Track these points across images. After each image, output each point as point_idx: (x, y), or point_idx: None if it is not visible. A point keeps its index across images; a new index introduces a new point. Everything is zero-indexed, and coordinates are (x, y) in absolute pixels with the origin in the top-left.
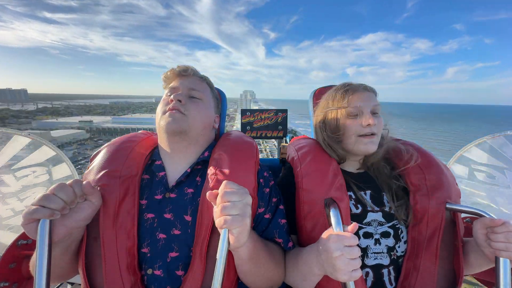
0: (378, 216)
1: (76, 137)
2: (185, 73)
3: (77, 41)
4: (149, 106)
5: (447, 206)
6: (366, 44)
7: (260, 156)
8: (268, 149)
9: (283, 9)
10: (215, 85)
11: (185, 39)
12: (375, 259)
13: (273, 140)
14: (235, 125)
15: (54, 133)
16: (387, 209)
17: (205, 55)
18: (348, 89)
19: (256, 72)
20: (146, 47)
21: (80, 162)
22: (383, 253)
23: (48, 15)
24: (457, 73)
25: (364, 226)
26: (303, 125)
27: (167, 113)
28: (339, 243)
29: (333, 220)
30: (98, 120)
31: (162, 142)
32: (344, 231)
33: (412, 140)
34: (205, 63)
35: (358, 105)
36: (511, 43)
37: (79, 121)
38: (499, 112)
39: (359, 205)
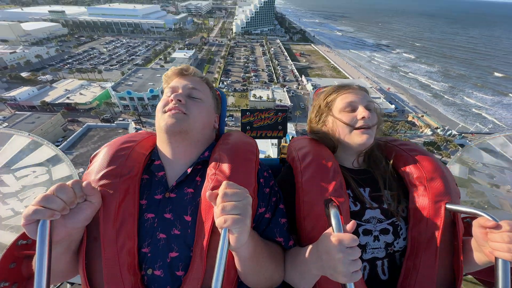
0: (377, 213)
1: (53, 32)
2: (186, 72)
3: None
4: (131, 6)
5: (447, 206)
6: None
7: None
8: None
9: None
10: None
11: None
12: (372, 254)
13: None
14: (234, 21)
15: (26, 26)
16: (385, 206)
17: None
18: (342, 87)
19: None
20: None
21: (67, 61)
22: (380, 248)
23: None
24: None
25: (363, 223)
26: (314, 25)
27: (167, 113)
28: (340, 245)
29: (333, 221)
30: (70, 11)
31: (162, 142)
32: (343, 230)
33: (439, 46)
34: None
35: (352, 100)
36: None
37: (49, 11)
38: None
39: (357, 202)
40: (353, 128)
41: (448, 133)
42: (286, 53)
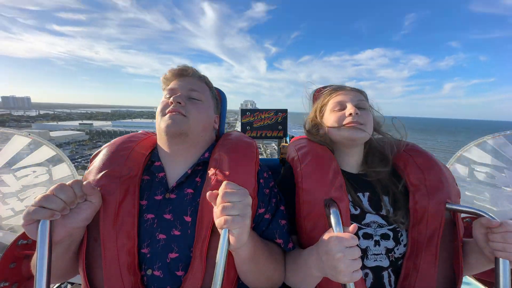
0: (378, 218)
1: (75, 138)
2: (185, 72)
3: (83, 53)
4: (150, 114)
5: (447, 206)
6: (364, 59)
7: (260, 157)
8: (268, 151)
9: (285, 26)
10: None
11: (189, 52)
12: (374, 260)
13: (274, 144)
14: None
15: (53, 134)
16: (383, 212)
17: (207, 68)
18: (336, 88)
19: (257, 85)
20: (150, 60)
21: (77, 160)
22: (382, 254)
23: (56, 27)
24: (454, 89)
25: (363, 227)
26: (300, 133)
27: (167, 115)
28: (340, 245)
29: (333, 220)
30: (98, 124)
31: (162, 143)
32: (344, 231)
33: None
34: (208, 76)
35: (342, 100)
36: (506, 61)
37: (79, 124)
38: (495, 127)
39: (356, 207)
40: (340, 125)
41: None
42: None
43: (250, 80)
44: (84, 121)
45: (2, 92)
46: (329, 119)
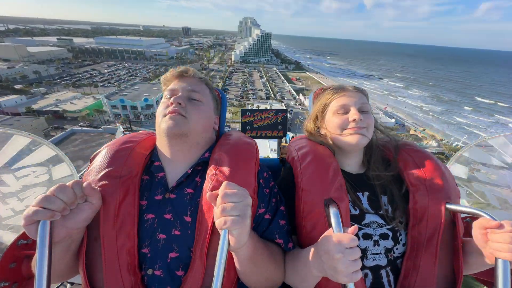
0: (377, 218)
1: (57, 55)
2: (185, 74)
3: None
4: (136, 32)
5: (447, 206)
6: None
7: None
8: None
9: None
10: (211, 14)
11: None
12: (373, 260)
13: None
14: (232, 57)
15: (31, 49)
16: (382, 212)
17: None
18: (338, 89)
19: None
20: None
21: (65, 78)
22: (381, 254)
23: None
24: (491, 11)
25: (363, 227)
26: (306, 59)
27: (168, 116)
28: (340, 246)
29: (333, 220)
30: (79, 41)
31: (162, 144)
32: (344, 232)
33: (426, 77)
34: None
35: (345, 103)
36: None
37: (57, 39)
38: None
39: (356, 207)
40: (343, 129)
41: (454, 144)
42: (282, 77)
43: None
44: (62, 37)
45: None
46: (332, 122)
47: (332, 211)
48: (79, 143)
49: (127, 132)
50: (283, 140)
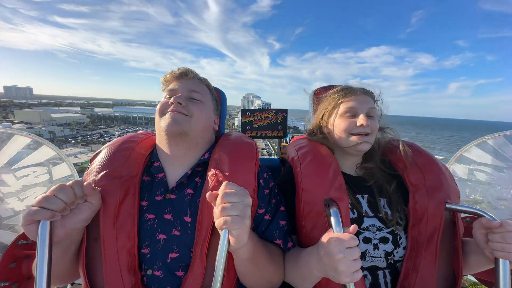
0: (375, 221)
1: (76, 120)
2: (185, 74)
3: (85, 46)
4: (153, 106)
5: (447, 206)
6: (369, 57)
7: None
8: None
9: (289, 21)
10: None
11: (191, 46)
12: (371, 261)
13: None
14: (236, 122)
15: (54, 115)
16: (381, 214)
17: (210, 63)
18: (346, 91)
19: (260, 81)
20: (153, 54)
21: (76, 137)
22: (381, 257)
23: (59, 19)
24: (460, 89)
25: (362, 231)
26: (302, 125)
27: (168, 114)
28: (340, 246)
29: (333, 220)
30: (99, 110)
31: (162, 144)
32: (344, 232)
33: (419, 141)
34: (210, 71)
35: (353, 106)
36: None
37: (80, 108)
38: (501, 127)
39: (354, 210)
40: (349, 133)
41: None
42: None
43: (253, 76)
44: (85, 107)
45: (4, 83)
46: (339, 124)
47: (332, 211)
48: None
49: None
50: (283, 140)
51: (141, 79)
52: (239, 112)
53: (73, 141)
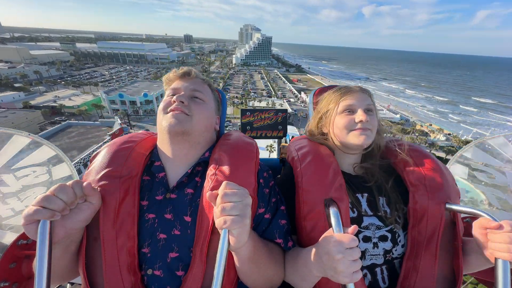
0: (375, 220)
1: (60, 58)
2: (188, 74)
3: None
4: (139, 40)
5: (447, 206)
6: None
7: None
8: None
9: None
10: (212, 23)
11: None
12: (370, 260)
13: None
14: (233, 60)
15: (34, 52)
16: (381, 213)
17: None
18: (344, 90)
19: (259, 8)
20: None
21: (66, 78)
22: (379, 255)
23: None
24: (487, 19)
25: (362, 230)
26: (306, 63)
27: (170, 113)
28: (340, 246)
29: (333, 220)
30: (82, 46)
31: (163, 142)
32: (344, 232)
33: (427, 81)
34: None
35: (351, 103)
36: None
37: (61, 43)
38: None
39: (354, 209)
40: (349, 130)
41: (463, 137)
42: (284, 79)
43: (251, 1)
44: (65, 42)
45: None
46: (338, 122)
47: (332, 211)
48: (75, 135)
49: (125, 125)
50: (283, 140)
51: (122, 6)
52: (238, 48)
53: (63, 82)
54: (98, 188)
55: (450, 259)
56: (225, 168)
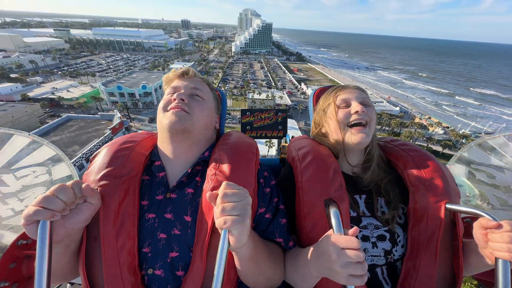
0: (373, 220)
1: (54, 46)
2: (187, 73)
3: None
4: (134, 26)
5: (447, 206)
6: None
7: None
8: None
9: None
10: (211, 6)
11: None
12: (371, 261)
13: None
14: (232, 48)
15: (28, 39)
16: (379, 214)
17: None
18: (340, 87)
19: None
20: None
21: (62, 68)
22: (380, 256)
23: None
24: (497, 2)
25: (361, 230)
26: (307, 51)
27: (170, 111)
28: (335, 246)
29: (333, 221)
30: (76, 32)
31: (164, 141)
32: (344, 233)
33: (429, 71)
34: None
35: (347, 97)
36: None
37: (54, 29)
38: None
39: (353, 209)
40: (347, 125)
41: (461, 131)
42: (284, 68)
43: None
44: (59, 28)
45: None
46: (335, 116)
47: (333, 211)
48: (75, 129)
49: (125, 118)
50: (283, 140)
51: None
52: (237, 34)
53: (59, 72)
54: (98, 188)
55: (450, 259)
56: (225, 168)
